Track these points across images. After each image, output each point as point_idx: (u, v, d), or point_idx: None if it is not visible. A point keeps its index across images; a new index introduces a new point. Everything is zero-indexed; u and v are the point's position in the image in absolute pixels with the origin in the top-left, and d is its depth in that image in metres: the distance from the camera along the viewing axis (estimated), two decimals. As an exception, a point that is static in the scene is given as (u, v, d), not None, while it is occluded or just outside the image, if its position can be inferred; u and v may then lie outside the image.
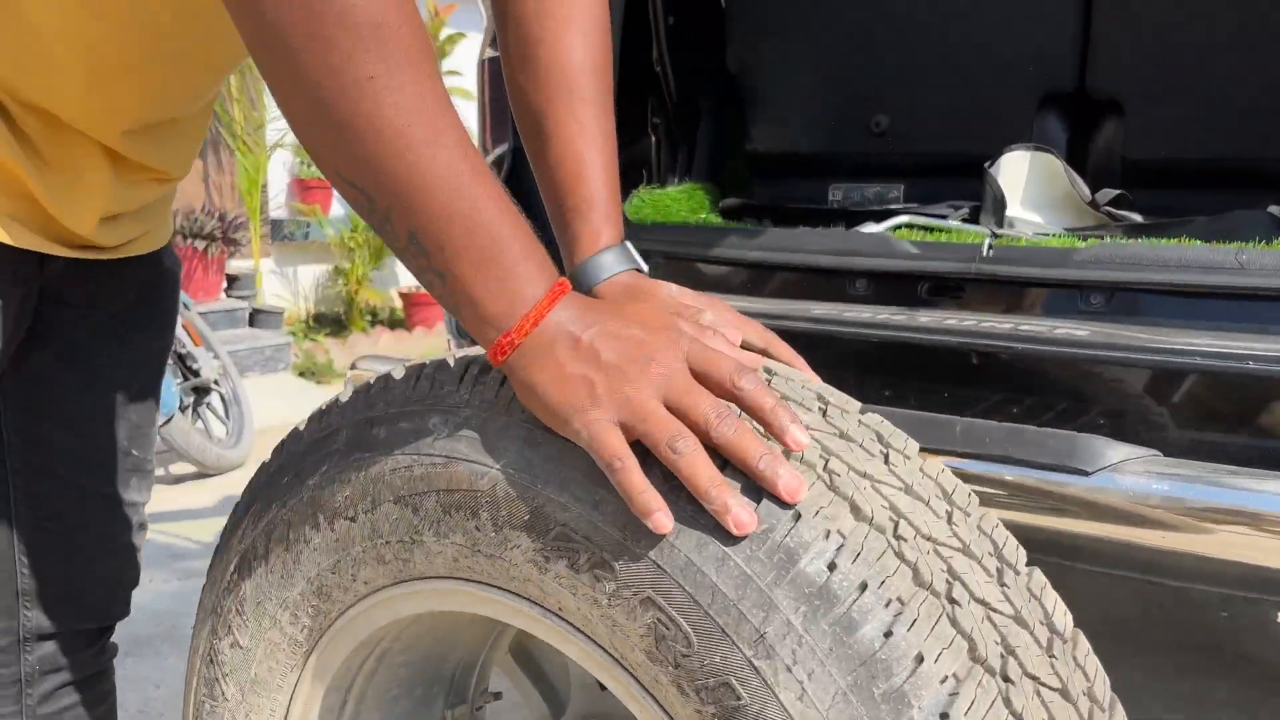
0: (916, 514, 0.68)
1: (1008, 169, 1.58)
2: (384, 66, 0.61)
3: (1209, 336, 1.09)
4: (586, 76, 0.89)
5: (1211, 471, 0.99)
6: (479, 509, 0.73)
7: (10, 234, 0.83)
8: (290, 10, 0.60)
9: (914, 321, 1.22)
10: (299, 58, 0.61)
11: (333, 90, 0.61)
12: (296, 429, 0.89)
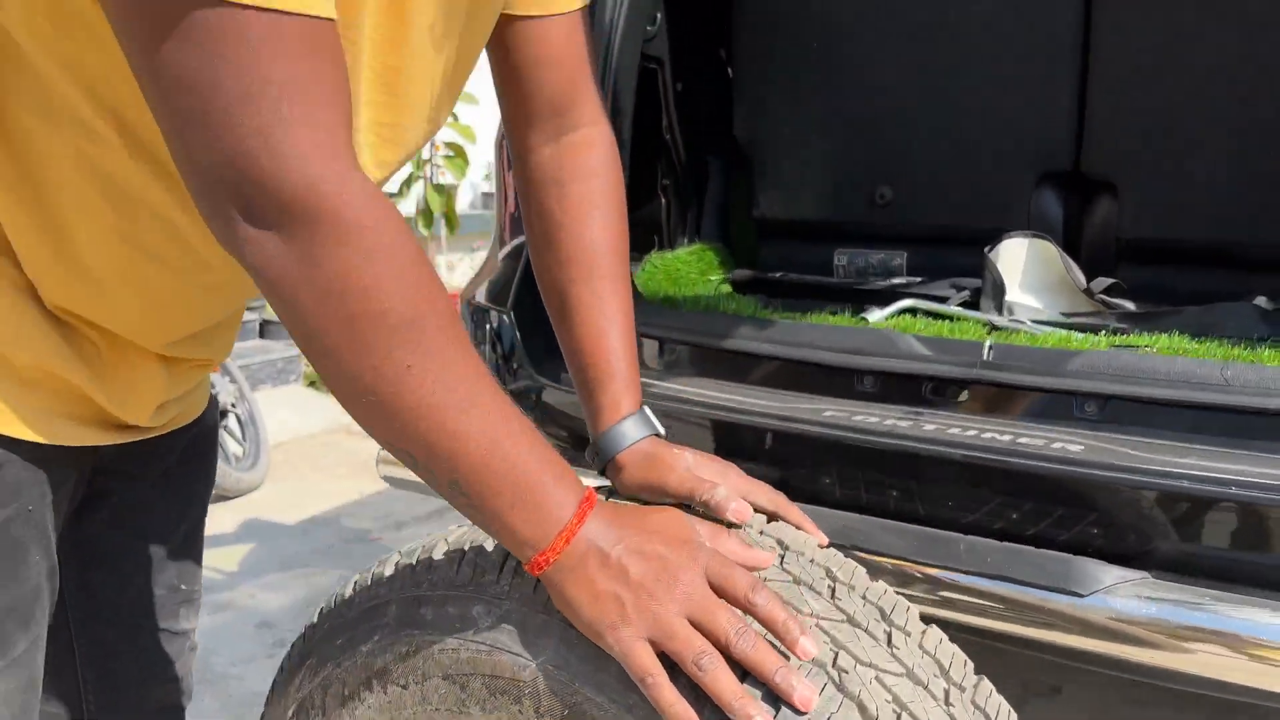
0: (917, 702, 0.76)
1: (1006, 254, 1.65)
2: (419, 356, 0.68)
3: (1195, 457, 1.17)
4: (605, 258, 0.96)
5: (1195, 596, 1.07)
6: (522, 696, 0.81)
7: (68, 435, 0.89)
8: (330, 320, 0.66)
9: (919, 431, 1.30)
10: (341, 355, 0.68)
11: (374, 381, 0.68)
12: (344, 595, 0.97)
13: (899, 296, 1.71)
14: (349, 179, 0.67)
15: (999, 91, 1.81)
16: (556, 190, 0.97)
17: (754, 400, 1.45)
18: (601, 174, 0.99)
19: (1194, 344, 1.41)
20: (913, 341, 1.44)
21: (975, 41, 1.81)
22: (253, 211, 0.65)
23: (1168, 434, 1.23)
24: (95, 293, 0.86)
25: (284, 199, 0.65)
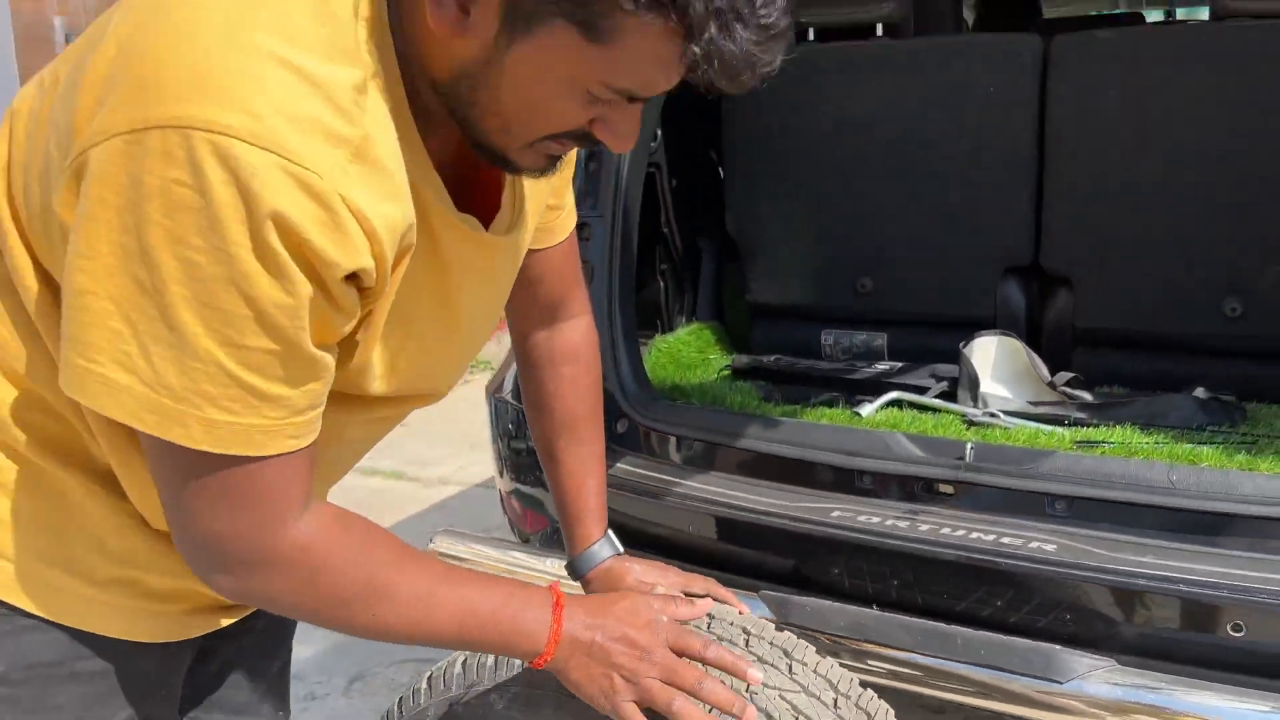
0: (811, 709, 1.00)
1: (979, 350, 1.88)
2: (380, 607, 0.89)
3: (1149, 554, 1.40)
4: (585, 423, 1.22)
5: (1154, 680, 1.30)
6: None
7: (193, 627, 1.05)
8: (300, 602, 0.89)
9: (916, 532, 1.51)
10: (321, 620, 0.91)
11: (359, 629, 0.91)
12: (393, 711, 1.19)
13: (885, 387, 1.92)
14: (285, 543, 0.85)
15: (966, 196, 2.03)
16: (550, 369, 1.22)
17: (768, 500, 1.66)
18: (584, 355, 1.24)
19: (1144, 437, 1.65)
20: (904, 441, 1.66)
21: (944, 153, 2.03)
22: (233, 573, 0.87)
23: (1126, 531, 1.46)
24: None
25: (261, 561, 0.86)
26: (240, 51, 0.71)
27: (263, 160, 0.70)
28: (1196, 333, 1.89)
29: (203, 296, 0.72)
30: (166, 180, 0.70)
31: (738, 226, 2.27)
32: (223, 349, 0.74)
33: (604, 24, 0.72)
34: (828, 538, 1.56)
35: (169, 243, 0.71)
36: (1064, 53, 1.91)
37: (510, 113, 0.81)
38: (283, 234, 0.71)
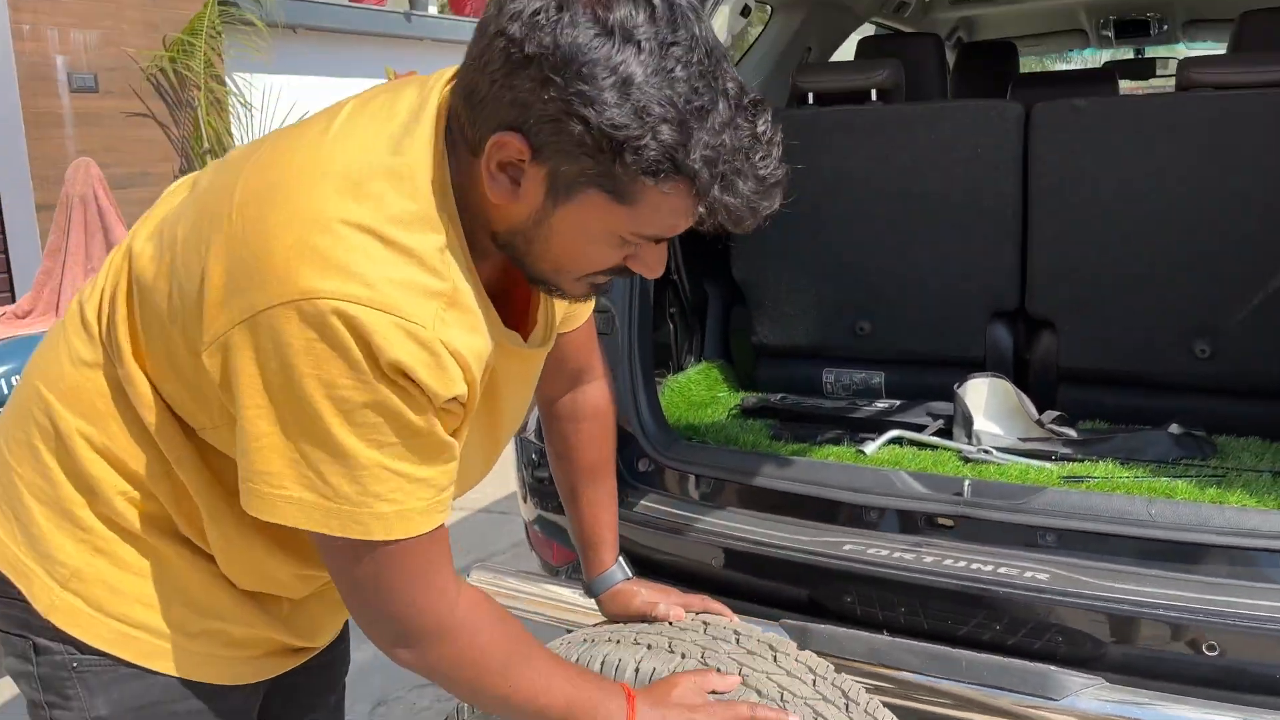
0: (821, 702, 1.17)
1: (972, 391, 2.03)
2: (518, 673, 1.06)
3: (1130, 582, 1.55)
4: (602, 468, 1.41)
5: (1139, 696, 1.45)
6: None
7: (269, 669, 1.19)
8: (463, 672, 1.04)
9: (921, 564, 1.66)
10: (475, 690, 1.07)
11: (498, 699, 1.07)
12: None
13: (886, 425, 2.07)
14: (459, 613, 1.02)
15: (957, 246, 2.19)
16: (573, 425, 1.39)
17: (784, 534, 1.80)
18: (603, 411, 1.42)
19: (1124, 472, 1.81)
20: (907, 479, 1.81)
21: (936, 207, 2.19)
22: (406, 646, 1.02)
23: (1111, 560, 1.61)
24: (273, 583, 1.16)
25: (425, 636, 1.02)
26: (350, 232, 0.88)
27: (378, 319, 0.87)
28: (1169, 372, 2.06)
29: (354, 420, 0.89)
30: (307, 340, 0.87)
31: (743, 273, 2.42)
32: (379, 451, 0.90)
33: (629, 190, 0.88)
34: (841, 570, 1.71)
35: (319, 387, 0.88)
36: (1044, 118, 2.08)
37: (559, 258, 0.97)
38: (401, 375, 0.89)
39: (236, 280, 0.90)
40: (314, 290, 0.86)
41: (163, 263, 1.01)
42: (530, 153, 0.88)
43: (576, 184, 0.89)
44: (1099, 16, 3.90)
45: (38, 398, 1.11)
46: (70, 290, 3.48)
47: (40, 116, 5.51)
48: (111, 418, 1.06)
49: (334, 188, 0.90)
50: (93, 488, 1.07)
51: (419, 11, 7.66)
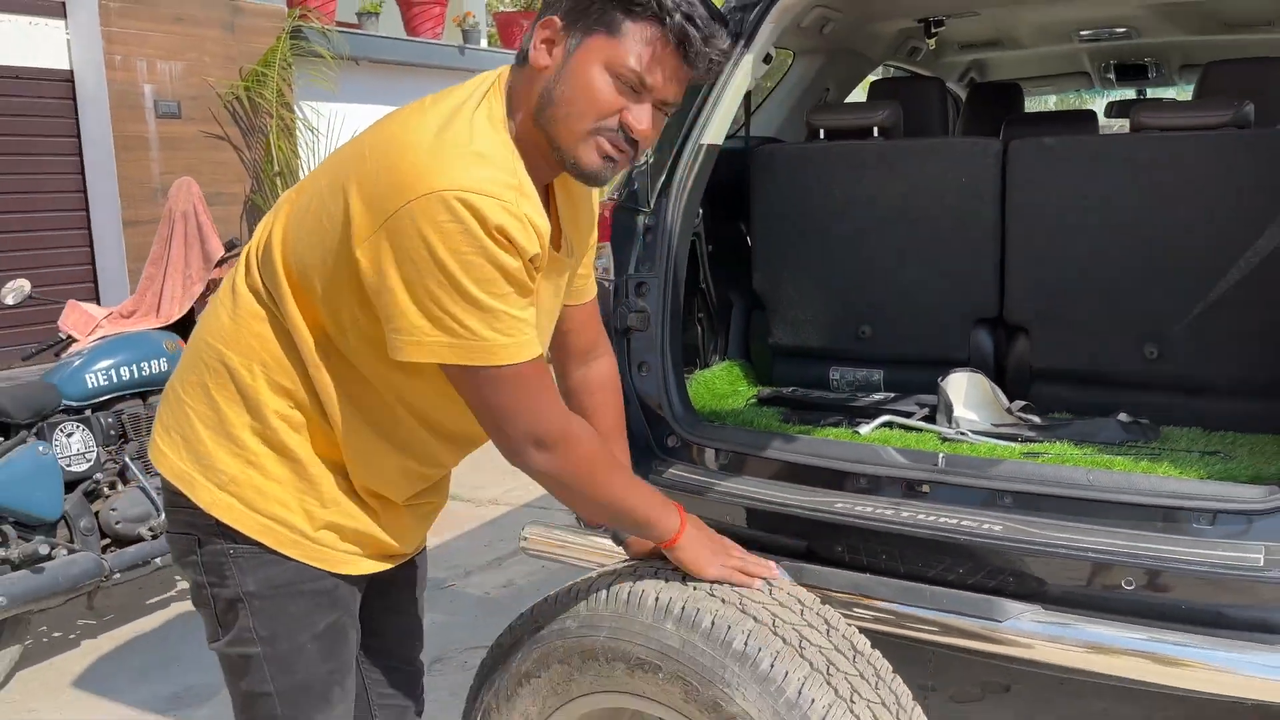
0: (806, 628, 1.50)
1: (953, 384, 2.39)
2: (611, 477, 1.46)
3: (1069, 533, 1.89)
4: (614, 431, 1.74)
5: (1065, 619, 1.80)
6: (597, 658, 1.52)
7: (371, 567, 1.55)
8: (579, 472, 1.43)
9: (899, 518, 2.01)
10: (581, 492, 1.46)
11: (594, 501, 1.47)
12: (513, 626, 1.67)
13: (880, 413, 2.44)
14: (571, 422, 1.43)
15: (945, 262, 2.55)
16: (587, 396, 1.73)
17: (787, 495, 2.17)
18: (610, 384, 1.77)
19: (1075, 450, 2.15)
20: (892, 452, 2.17)
21: (927, 228, 2.56)
22: (537, 448, 1.40)
23: (1054, 517, 1.96)
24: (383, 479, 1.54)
25: (550, 442, 1.40)
26: (451, 150, 1.31)
27: (483, 200, 1.29)
28: (1124, 371, 2.40)
29: (476, 275, 1.30)
30: (437, 222, 1.28)
31: (762, 284, 2.80)
32: (496, 299, 1.32)
33: (619, 25, 1.33)
34: (833, 522, 2.07)
35: (450, 253, 1.29)
36: (1019, 153, 2.45)
37: (569, 97, 1.37)
38: (502, 236, 1.30)
39: (376, 199, 1.31)
40: (436, 187, 1.27)
41: (309, 214, 1.42)
42: (561, 23, 1.35)
43: (587, 30, 1.34)
44: (1100, 61, 4.25)
45: (207, 347, 1.50)
46: (169, 295, 3.91)
47: (129, 140, 6.03)
48: (266, 353, 1.46)
49: (434, 129, 1.33)
50: (251, 410, 1.45)
51: (471, 45, 8.15)
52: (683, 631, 1.49)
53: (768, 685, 1.43)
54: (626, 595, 1.56)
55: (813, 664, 1.46)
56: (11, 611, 3.07)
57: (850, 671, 1.48)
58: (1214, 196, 2.26)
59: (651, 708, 1.56)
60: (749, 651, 1.45)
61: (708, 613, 1.49)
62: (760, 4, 2.51)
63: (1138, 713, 2.85)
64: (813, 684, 1.44)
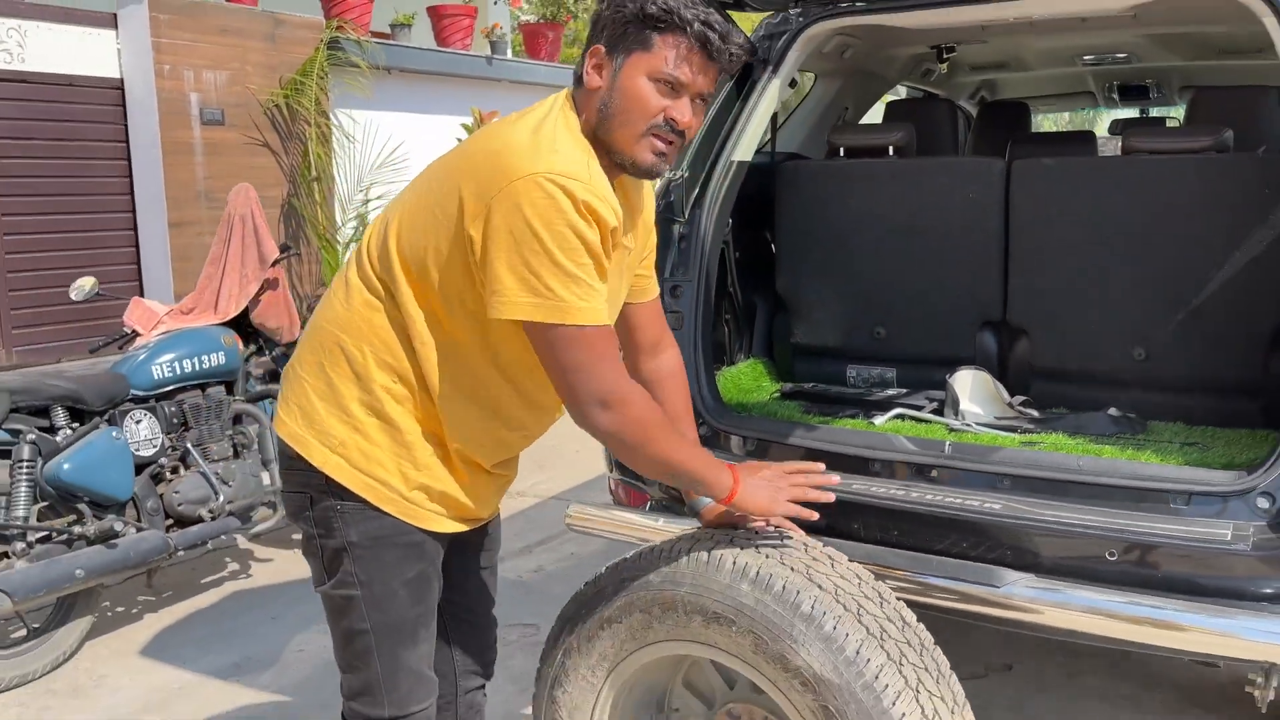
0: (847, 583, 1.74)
1: (960, 381, 2.64)
2: (665, 439, 1.69)
3: (1060, 511, 2.13)
4: (685, 415, 2.01)
5: (1053, 586, 2.03)
6: (677, 609, 1.76)
7: (454, 527, 1.80)
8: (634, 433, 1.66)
9: (909, 498, 2.25)
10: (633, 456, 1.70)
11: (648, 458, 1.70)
12: (595, 578, 1.92)
13: (893, 406, 2.68)
14: (629, 386, 1.66)
15: (954, 269, 2.80)
16: (658, 386, 1.98)
17: (808, 477, 2.40)
18: (678, 373, 2.03)
19: (1069, 440, 2.39)
20: (903, 441, 2.41)
21: (938, 238, 2.80)
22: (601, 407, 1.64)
23: (1047, 497, 2.19)
24: (475, 442, 1.79)
25: (611, 402, 1.64)
26: (546, 145, 1.60)
27: (570, 181, 1.57)
28: (1115, 370, 2.64)
29: (562, 244, 1.57)
30: (534, 198, 1.56)
31: (785, 287, 3.05)
32: (578, 268, 1.58)
33: (649, 41, 1.63)
34: (851, 502, 2.30)
35: (544, 224, 1.56)
36: (1021, 172, 2.69)
37: (625, 113, 1.66)
38: (589, 211, 1.57)
39: (484, 184, 1.60)
40: (533, 171, 1.56)
41: (421, 212, 1.70)
42: (605, 50, 1.66)
43: (627, 51, 1.65)
44: (1104, 82, 4.49)
45: (324, 332, 1.77)
46: (227, 293, 4.18)
47: (175, 145, 6.32)
48: (375, 336, 1.72)
49: (528, 132, 1.63)
50: (360, 384, 1.72)
51: (499, 56, 8.43)
52: (757, 592, 1.73)
53: (830, 644, 1.67)
54: (706, 557, 1.80)
55: (869, 630, 1.70)
56: (88, 583, 3.34)
57: (900, 639, 1.72)
58: (1196, 214, 2.50)
59: (721, 657, 1.81)
60: (815, 614, 1.69)
61: (780, 578, 1.73)
62: (787, 33, 2.76)
63: (1130, 690, 3.08)
64: (868, 646, 1.68)
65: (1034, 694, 3.07)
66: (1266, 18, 2.18)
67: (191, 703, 3.19)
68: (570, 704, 1.95)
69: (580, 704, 1.95)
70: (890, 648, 1.71)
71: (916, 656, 1.74)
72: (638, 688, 1.99)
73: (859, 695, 1.69)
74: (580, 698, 1.95)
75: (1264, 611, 1.92)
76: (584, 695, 1.96)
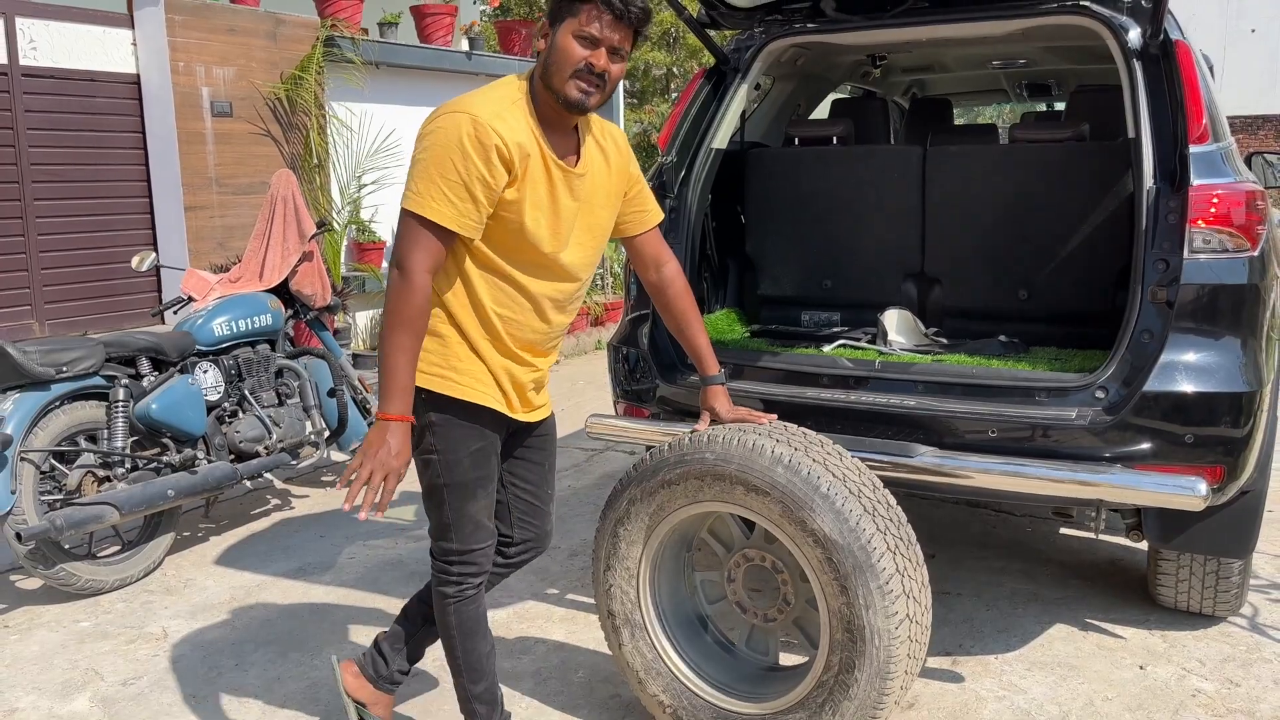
0: (852, 473, 2.49)
1: (888, 317, 3.42)
2: (392, 337, 2.14)
3: (956, 403, 2.92)
4: (692, 310, 2.59)
5: (954, 457, 2.83)
6: (725, 480, 2.51)
7: (507, 410, 2.45)
8: (387, 306, 2.14)
9: (849, 400, 3.03)
10: (383, 327, 2.16)
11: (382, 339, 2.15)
12: (652, 453, 2.67)
13: (837, 338, 3.46)
14: (420, 277, 2.13)
15: (884, 233, 3.58)
16: (668, 290, 2.63)
17: (773, 390, 3.18)
18: (680, 279, 2.65)
19: (969, 358, 3.19)
20: (845, 362, 3.19)
21: (871, 209, 3.58)
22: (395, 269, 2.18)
23: (950, 396, 2.99)
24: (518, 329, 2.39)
25: (401, 270, 2.14)
26: (474, 95, 2.20)
27: (476, 114, 2.11)
28: (1005, 309, 3.45)
29: (440, 162, 2.10)
30: (441, 127, 2.14)
31: (753, 250, 3.82)
32: (443, 179, 2.10)
33: (575, 8, 2.13)
34: (805, 405, 3.08)
35: (433, 144, 2.12)
36: (935, 157, 3.48)
37: (558, 65, 2.14)
38: (485, 133, 2.10)
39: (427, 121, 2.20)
40: (457, 110, 2.12)
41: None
42: (549, 22, 2.18)
43: (559, 19, 2.15)
44: (1014, 81, 5.31)
45: None
46: (270, 264, 4.85)
47: (189, 135, 6.91)
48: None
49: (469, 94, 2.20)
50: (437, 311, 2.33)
51: (477, 51, 9.09)
52: (788, 474, 2.38)
53: (838, 515, 2.35)
54: (751, 445, 2.44)
55: (864, 507, 2.36)
56: (175, 502, 4.02)
57: (885, 516, 2.38)
58: (1062, 188, 3.30)
59: (753, 517, 2.47)
60: (829, 493, 2.36)
61: (805, 465, 2.37)
62: (752, 47, 3.53)
63: (1024, 567, 3.90)
64: (864, 519, 2.34)
65: (951, 572, 3.88)
66: (1106, 38, 2.98)
67: (270, 594, 3.89)
68: (629, 538, 2.67)
69: (635, 538, 2.66)
70: (879, 521, 2.36)
71: (895, 529, 2.41)
72: (677, 530, 2.71)
73: (854, 553, 2.29)
74: (637, 534, 2.66)
75: (1097, 468, 2.72)
76: (639, 532, 2.65)
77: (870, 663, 2.32)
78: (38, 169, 6.44)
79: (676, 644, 2.69)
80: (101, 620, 3.69)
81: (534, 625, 3.54)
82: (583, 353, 9.08)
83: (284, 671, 3.26)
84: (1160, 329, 2.69)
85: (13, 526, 3.57)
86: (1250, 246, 2.68)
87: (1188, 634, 3.31)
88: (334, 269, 7.44)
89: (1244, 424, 2.64)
